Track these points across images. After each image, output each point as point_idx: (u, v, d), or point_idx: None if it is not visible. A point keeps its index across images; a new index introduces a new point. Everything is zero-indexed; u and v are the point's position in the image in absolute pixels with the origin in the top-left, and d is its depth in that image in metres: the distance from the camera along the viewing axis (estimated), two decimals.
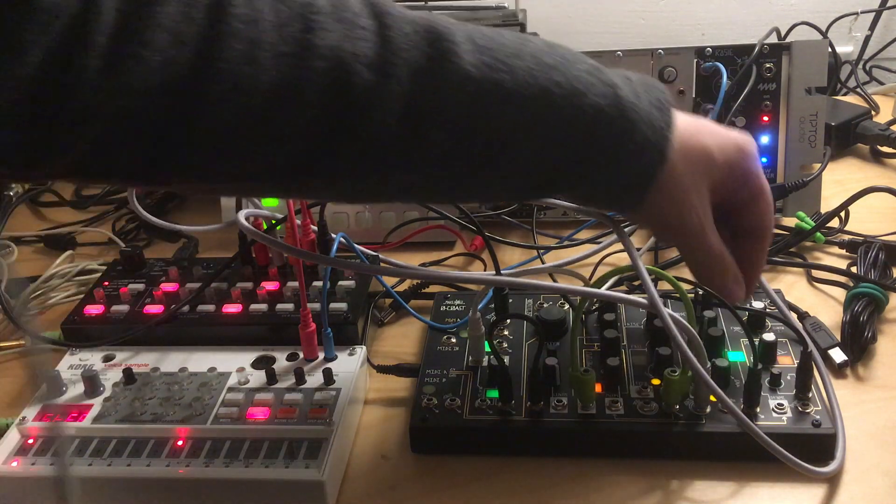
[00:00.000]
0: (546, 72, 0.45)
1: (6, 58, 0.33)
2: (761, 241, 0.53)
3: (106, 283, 0.72)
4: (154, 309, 0.68)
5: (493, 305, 0.67)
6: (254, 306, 0.68)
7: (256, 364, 0.63)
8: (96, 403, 0.59)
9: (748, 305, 0.64)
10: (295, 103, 0.41)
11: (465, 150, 0.45)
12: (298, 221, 0.68)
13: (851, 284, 0.70)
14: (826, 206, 0.82)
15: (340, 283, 0.69)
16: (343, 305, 0.66)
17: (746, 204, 0.52)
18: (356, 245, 0.68)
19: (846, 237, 0.78)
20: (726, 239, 0.52)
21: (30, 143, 0.37)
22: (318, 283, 0.69)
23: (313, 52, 0.40)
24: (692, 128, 0.50)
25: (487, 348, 0.61)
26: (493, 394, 0.58)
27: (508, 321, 0.66)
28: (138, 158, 0.40)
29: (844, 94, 1.14)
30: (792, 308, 0.67)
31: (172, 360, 0.64)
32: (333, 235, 0.67)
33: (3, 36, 0.33)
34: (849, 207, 0.79)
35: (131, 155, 0.40)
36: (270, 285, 0.70)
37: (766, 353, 0.59)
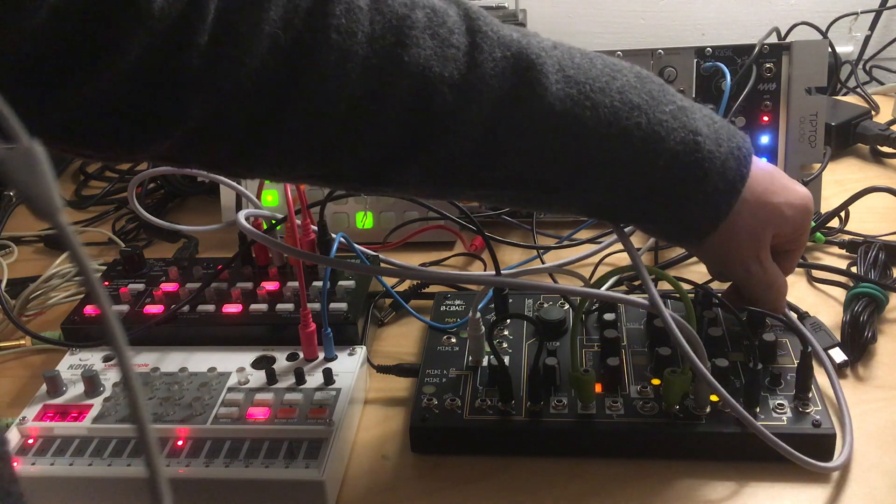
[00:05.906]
0: (629, 112, 0.45)
1: (110, 52, 0.35)
2: (796, 256, 0.57)
3: (106, 283, 0.72)
4: (154, 309, 0.68)
5: (493, 305, 0.67)
6: (254, 306, 0.68)
7: (256, 364, 0.63)
8: (96, 403, 0.59)
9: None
10: (376, 116, 0.42)
11: (535, 177, 0.46)
12: (298, 221, 0.68)
13: (851, 284, 0.70)
14: (826, 206, 0.82)
15: (340, 283, 0.69)
16: (343, 305, 0.66)
17: (793, 239, 0.55)
18: (356, 245, 0.68)
19: (846, 237, 0.78)
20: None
21: (130, 131, 0.39)
22: (318, 283, 0.69)
23: (401, 69, 0.41)
24: (766, 181, 0.51)
25: (487, 348, 0.61)
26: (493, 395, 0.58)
27: (508, 321, 0.66)
28: (225, 151, 0.42)
29: (844, 94, 1.14)
30: (792, 308, 0.67)
31: (172, 360, 0.64)
32: (333, 235, 0.67)
33: (109, 33, 0.34)
34: (849, 207, 0.79)
35: (219, 148, 0.42)
36: (270, 285, 0.70)
37: (766, 353, 0.59)
